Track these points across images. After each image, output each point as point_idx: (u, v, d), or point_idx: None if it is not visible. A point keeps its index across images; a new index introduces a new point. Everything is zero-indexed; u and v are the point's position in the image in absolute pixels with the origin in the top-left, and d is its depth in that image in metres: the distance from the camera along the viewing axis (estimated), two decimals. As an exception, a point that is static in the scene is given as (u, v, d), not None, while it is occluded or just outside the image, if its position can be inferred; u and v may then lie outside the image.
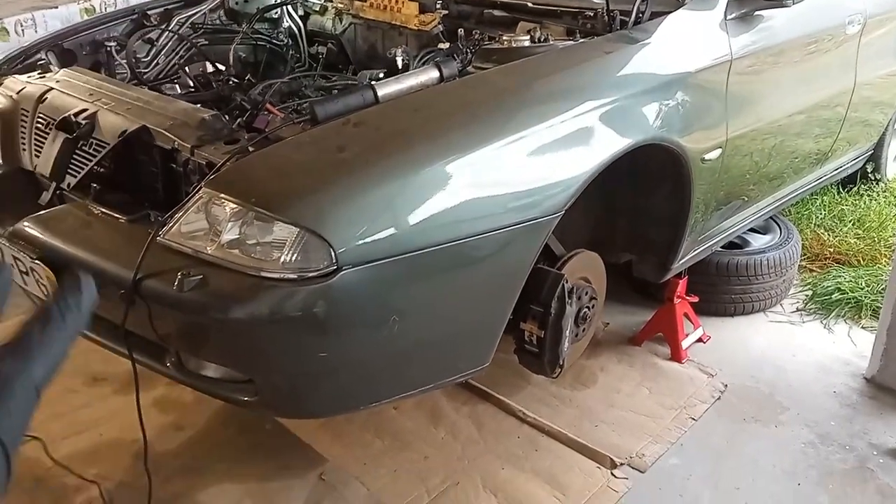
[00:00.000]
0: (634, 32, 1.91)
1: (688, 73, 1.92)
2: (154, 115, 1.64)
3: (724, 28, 2.07)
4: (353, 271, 1.32)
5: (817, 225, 3.26)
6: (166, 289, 1.33)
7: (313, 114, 1.49)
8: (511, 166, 1.54)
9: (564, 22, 2.11)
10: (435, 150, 1.44)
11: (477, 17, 2.26)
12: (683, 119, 1.90)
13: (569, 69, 1.73)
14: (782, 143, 2.48)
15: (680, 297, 2.49)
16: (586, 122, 1.65)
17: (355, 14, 2.49)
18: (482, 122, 1.53)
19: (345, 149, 1.41)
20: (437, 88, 1.61)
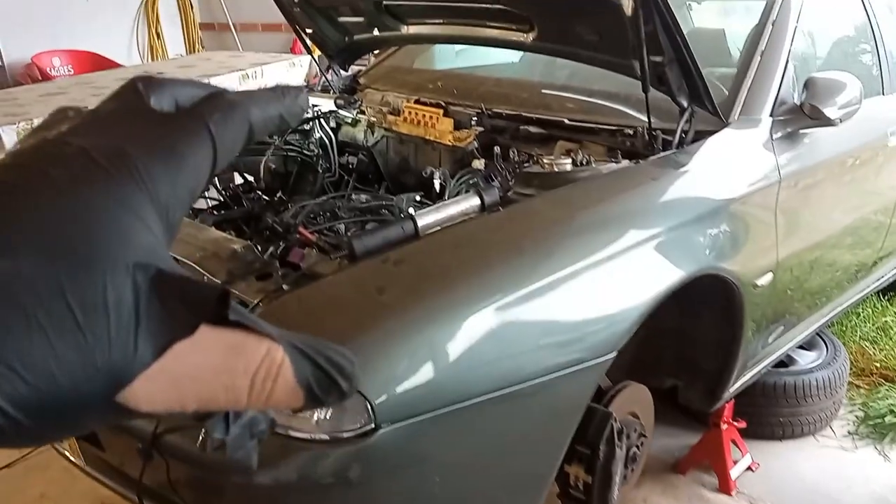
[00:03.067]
0: (680, 156, 1.84)
1: (737, 196, 1.84)
2: (183, 244, 1.56)
3: (771, 148, 2.00)
4: (393, 430, 1.21)
5: (861, 338, 3.12)
6: (188, 446, 1.22)
7: (351, 249, 1.41)
8: (560, 305, 1.43)
9: (603, 139, 2.05)
10: (479, 291, 1.34)
11: (512, 132, 2.21)
12: (735, 246, 1.81)
13: (616, 198, 1.65)
14: (830, 259, 2.39)
15: (727, 421, 2.35)
16: (637, 255, 1.56)
17: (388, 127, 2.46)
18: (528, 257, 1.44)
19: (384, 290, 1.31)
20: (480, 222, 1.53)
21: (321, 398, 0.36)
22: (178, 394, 0.33)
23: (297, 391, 0.35)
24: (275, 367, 0.34)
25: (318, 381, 0.35)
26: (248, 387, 0.34)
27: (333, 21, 2.61)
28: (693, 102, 1.90)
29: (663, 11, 1.68)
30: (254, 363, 0.34)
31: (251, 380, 0.34)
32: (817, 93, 2.02)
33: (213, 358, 0.33)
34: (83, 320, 0.29)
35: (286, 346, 0.35)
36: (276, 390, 0.34)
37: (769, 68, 2.10)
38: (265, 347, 0.34)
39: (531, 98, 2.40)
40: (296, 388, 0.35)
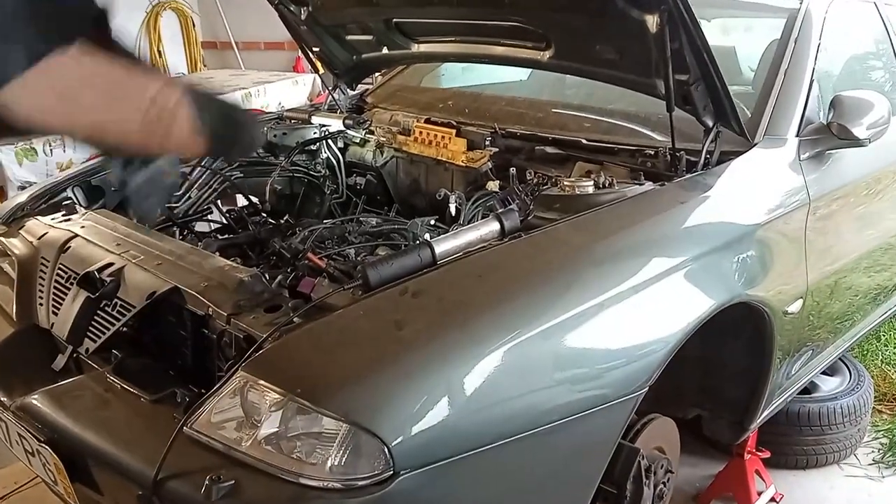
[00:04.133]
0: (708, 177, 1.76)
1: (767, 220, 1.76)
2: (187, 273, 1.48)
3: (799, 168, 1.93)
4: (413, 476, 1.12)
5: (884, 362, 3.04)
6: (192, 494, 1.13)
7: (366, 279, 1.32)
8: (588, 338, 1.35)
9: (622, 160, 1.98)
10: (504, 324, 1.26)
11: (528, 152, 2.13)
12: (765, 272, 1.73)
13: (644, 223, 1.57)
14: (858, 282, 2.31)
15: (750, 452, 2.26)
16: (667, 284, 1.48)
17: (398, 147, 2.38)
18: (554, 288, 1.35)
19: (403, 325, 1.23)
20: (502, 249, 1.45)
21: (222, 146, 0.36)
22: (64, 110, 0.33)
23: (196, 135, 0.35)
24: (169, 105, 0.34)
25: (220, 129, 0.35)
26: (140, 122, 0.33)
27: (341, 39, 2.54)
28: (719, 122, 1.82)
29: (690, 29, 1.61)
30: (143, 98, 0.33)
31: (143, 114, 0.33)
32: (845, 112, 1.94)
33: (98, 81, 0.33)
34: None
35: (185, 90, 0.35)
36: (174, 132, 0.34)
37: (794, 87, 2.03)
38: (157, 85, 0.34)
39: (546, 117, 2.33)
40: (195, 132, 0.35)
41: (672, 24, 1.61)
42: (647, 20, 1.64)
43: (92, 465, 1.30)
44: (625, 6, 1.64)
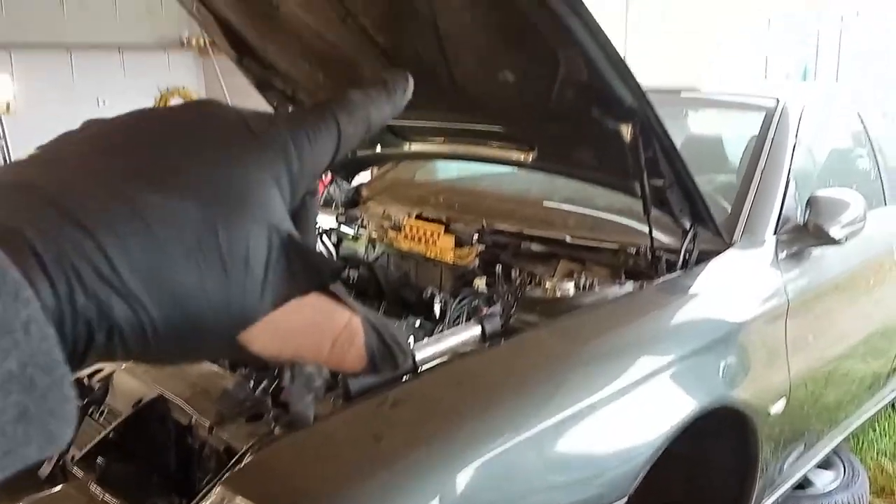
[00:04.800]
0: (686, 279, 1.80)
1: (746, 321, 1.80)
2: (174, 379, 1.51)
3: (777, 267, 1.97)
4: None
5: (880, 454, 3.01)
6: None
7: (346, 388, 1.35)
8: (569, 446, 1.36)
9: (605, 259, 2.03)
10: (483, 433, 1.28)
11: (514, 249, 2.18)
12: (745, 372, 1.75)
13: (622, 328, 1.60)
14: (843, 376, 2.32)
15: (745, 550, 2.22)
16: (647, 389, 1.50)
17: (389, 243, 2.44)
18: (533, 396, 1.38)
19: (382, 437, 1.25)
20: (482, 356, 1.48)
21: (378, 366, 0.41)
22: (281, 343, 0.38)
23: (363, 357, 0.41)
24: (353, 334, 0.40)
25: (381, 353, 0.41)
26: (331, 347, 0.39)
27: (336, 138, 2.64)
28: (695, 223, 1.88)
29: (662, 138, 1.69)
30: (338, 328, 0.39)
31: (333, 342, 0.39)
32: (821, 212, 2.00)
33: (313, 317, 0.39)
34: (228, 260, 0.34)
35: (363, 319, 0.40)
36: (349, 354, 0.40)
37: (770, 187, 2.10)
38: (348, 316, 0.40)
39: (534, 214, 2.39)
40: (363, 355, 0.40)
41: (645, 133, 1.68)
42: (622, 129, 1.71)
43: None
44: (600, 117, 1.72)
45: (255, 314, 0.36)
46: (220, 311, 0.35)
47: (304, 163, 0.39)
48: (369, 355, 0.41)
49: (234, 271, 0.35)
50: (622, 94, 1.65)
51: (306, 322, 0.38)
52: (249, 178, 0.36)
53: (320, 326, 0.39)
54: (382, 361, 0.42)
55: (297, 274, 0.37)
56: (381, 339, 0.42)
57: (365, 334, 0.40)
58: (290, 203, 0.39)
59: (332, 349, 0.39)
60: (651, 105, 1.65)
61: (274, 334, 0.37)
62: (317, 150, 0.40)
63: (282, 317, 0.37)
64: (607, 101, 1.70)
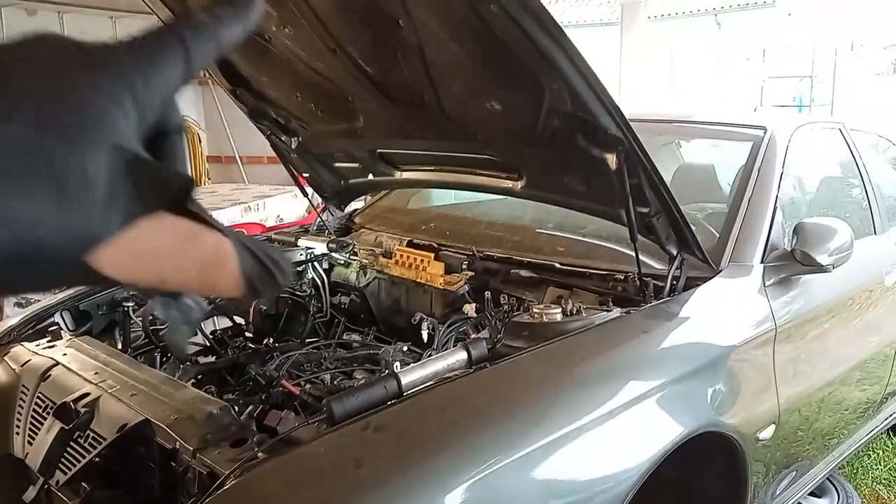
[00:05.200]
0: (672, 305, 1.81)
1: (732, 347, 1.80)
2: (159, 404, 1.51)
3: (764, 294, 1.98)
4: None
5: (875, 481, 2.99)
6: None
7: (330, 413, 1.35)
8: (554, 471, 1.36)
9: (594, 284, 2.04)
10: (466, 459, 1.27)
11: (503, 275, 2.20)
12: (733, 398, 1.75)
13: (608, 353, 1.61)
14: (837, 399, 2.32)
15: (738, 580, 2.20)
16: (632, 414, 1.50)
17: (380, 269, 2.46)
18: (517, 420, 1.38)
19: (363, 463, 1.24)
20: (467, 381, 1.48)
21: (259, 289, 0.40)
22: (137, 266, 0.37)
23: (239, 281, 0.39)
24: (222, 256, 0.39)
25: (259, 275, 0.40)
26: (198, 270, 0.38)
27: (329, 166, 2.67)
28: (682, 250, 1.89)
29: (647, 167, 1.71)
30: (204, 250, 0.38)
31: (201, 264, 0.38)
32: (808, 239, 2.02)
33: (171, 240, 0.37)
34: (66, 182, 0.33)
35: (233, 240, 0.39)
36: (221, 278, 0.39)
37: (757, 215, 2.12)
38: (215, 238, 0.39)
39: (523, 240, 2.41)
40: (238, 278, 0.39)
41: (629, 162, 1.71)
42: (607, 158, 1.74)
43: None
44: (586, 145, 1.75)
45: (100, 235, 0.35)
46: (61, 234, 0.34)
47: (151, 84, 0.38)
48: (246, 278, 0.40)
49: (73, 193, 0.34)
50: (606, 124, 1.67)
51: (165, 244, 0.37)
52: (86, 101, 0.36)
53: (182, 248, 0.38)
54: (262, 283, 0.41)
55: (144, 192, 0.36)
56: (258, 260, 0.40)
57: (238, 256, 0.39)
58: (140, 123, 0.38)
59: (201, 273, 0.38)
60: (634, 134, 1.68)
61: (129, 256, 0.36)
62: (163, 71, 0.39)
63: (136, 238, 0.36)
64: (592, 131, 1.72)
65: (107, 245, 0.36)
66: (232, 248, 0.39)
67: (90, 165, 0.34)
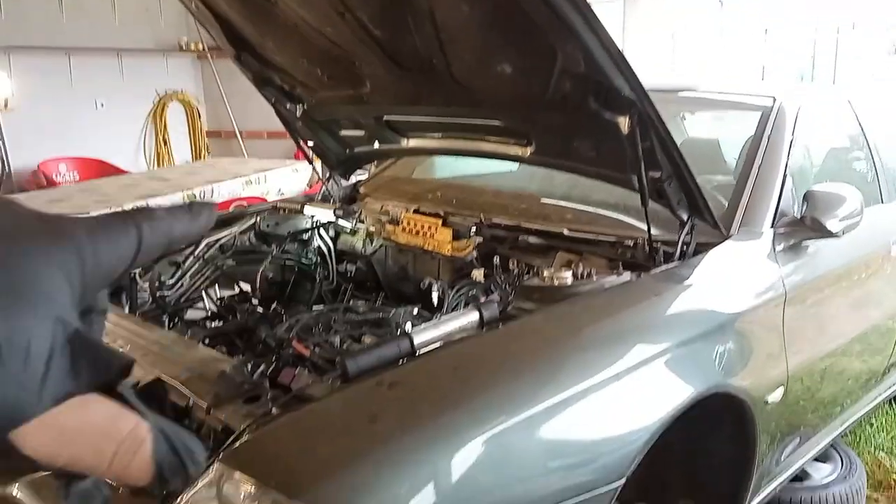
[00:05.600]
0: (682, 269, 1.81)
1: (743, 311, 1.81)
2: (170, 363, 1.51)
3: (774, 259, 1.98)
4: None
5: (877, 448, 3.01)
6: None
7: (344, 370, 1.35)
8: (564, 429, 1.37)
9: (603, 251, 2.04)
10: (478, 415, 1.28)
11: (511, 242, 2.19)
12: (742, 361, 1.76)
13: (619, 314, 1.61)
14: (841, 368, 2.33)
15: (742, 544, 2.22)
16: (644, 374, 1.50)
17: (387, 237, 2.45)
18: (529, 379, 1.38)
19: (377, 418, 1.25)
20: (479, 340, 1.48)
21: (167, 479, 0.39)
22: (59, 444, 0.36)
23: (150, 468, 0.39)
24: (138, 441, 0.39)
25: (170, 464, 0.39)
26: (112, 454, 0.37)
27: (335, 134, 2.65)
28: (693, 215, 1.89)
29: (659, 130, 1.70)
30: (123, 434, 0.38)
31: (117, 448, 0.38)
32: (817, 206, 2.01)
33: (96, 419, 0.37)
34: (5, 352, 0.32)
35: (152, 426, 0.39)
36: (134, 463, 0.38)
37: (768, 181, 2.11)
38: (135, 422, 0.38)
39: (530, 208, 2.40)
40: (150, 465, 0.39)
41: (642, 125, 1.69)
42: (619, 122, 1.72)
43: None
44: (598, 109, 1.73)
45: (31, 410, 0.34)
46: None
47: (101, 264, 0.40)
48: (156, 467, 0.39)
49: (11, 363, 0.32)
50: (619, 85, 1.66)
51: (88, 423, 0.37)
52: (37, 272, 0.35)
53: (103, 430, 0.37)
54: (171, 473, 0.40)
55: (81, 370, 0.35)
56: (173, 447, 0.40)
57: (153, 442, 0.39)
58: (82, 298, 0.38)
59: (115, 457, 0.37)
60: (648, 96, 1.66)
61: (52, 434, 0.35)
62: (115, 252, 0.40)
63: (62, 416, 0.35)
64: (605, 93, 1.71)
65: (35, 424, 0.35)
66: (149, 432, 0.40)
67: (33, 336, 0.34)
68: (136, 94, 7.40)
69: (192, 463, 0.40)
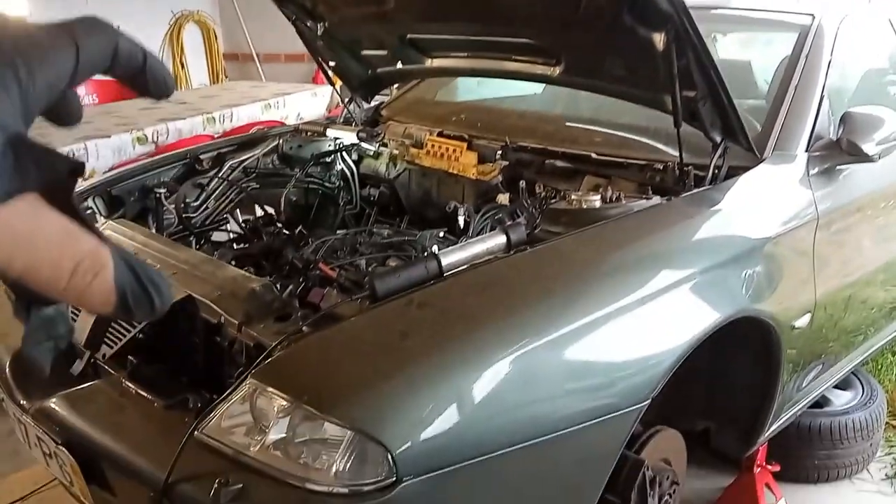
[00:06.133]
0: (714, 193, 1.77)
1: (774, 235, 1.78)
2: (201, 282, 1.52)
3: (808, 184, 1.94)
4: (415, 483, 1.14)
5: (899, 377, 3.02)
6: (201, 497, 1.16)
7: (373, 290, 1.36)
8: (591, 350, 1.37)
9: (631, 174, 2.00)
10: (506, 335, 1.28)
11: (538, 166, 2.16)
12: (771, 286, 1.74)
13: (649, 237, 1.59)
14: (865, 296, 2.30)
15: (760, 465, 2.26)
16: (672, 298, 1.49)
17: (410, 160, 2.42)
18: (557, 301, 1.38)
19: (408, 336, 1.26)
20: (507, 262, 1.48)
21: (132, 308, 0.39)
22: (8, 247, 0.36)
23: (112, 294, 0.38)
24: (98, 262, 0.38)
25: (134, 292, 0.39)
26: (70, 271, 0.37)
27: (356, 54, 2.59)
28: (726, 138, 1.84)
29: (697, 46, 1.63)
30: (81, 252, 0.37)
31: (75, 266, 0.37)
32: (855, 128, 1.95)
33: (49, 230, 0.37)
34: None
35: (113, 251, 0.39)
36: (94, 286, 0.38)
37: (804, 103, 2.04)
38: (94, 243, 0.38)
39: (557, 131, 2.35)
40: (111, 291, 0.38)
41: (678, 42, 1.63)
42: (654, 38, 1.66)
43: (106, 468, 1.34)
44: (632, 24, 1.67)
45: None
46: None
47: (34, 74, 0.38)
48: (119, 293, 0.38)
49: None
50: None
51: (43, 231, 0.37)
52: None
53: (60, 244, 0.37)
54: (136, 303, 0.39)
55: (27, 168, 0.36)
56: (137, 277, 0.39)
57: (115, 268, 0.38)
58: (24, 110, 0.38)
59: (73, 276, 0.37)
60: (686, 10, 1.60)
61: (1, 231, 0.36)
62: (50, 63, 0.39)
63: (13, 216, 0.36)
64: (640, 7, 1.64)
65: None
66: (110, 257, 0.38)
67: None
68: (152, 14, 7.26)
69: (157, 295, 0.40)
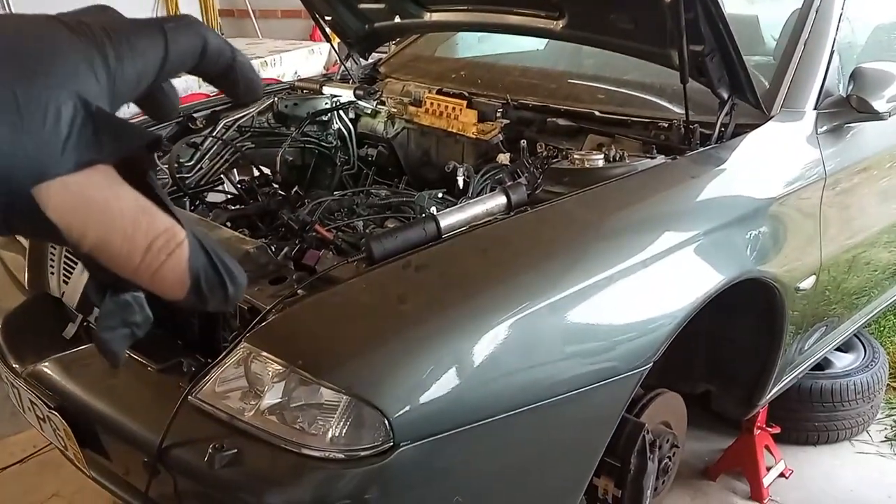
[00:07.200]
0: (721, 151, 1.73)
1: (780, 195, 1.73)
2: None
3: (816, 142, 1.89)
4: (412, 448, 1.12)
5: (901, 338, 3.01)
6: (195, 462, 1.14)
7: (370, 252, 1.32)
8: (593, 313, 1.34)
9: (635, 133, 1.95)
10: (506, 298, 1.25)
11: (539, 125, 2.10)
12: (776, 247, 1.70)
13: (653, 198, 1.55)
14: (877, 258, 2.28)
15: (760, 427, 2.26)
16: (675, 259, 1.46)
17: (409, 119, 2.36)
18: (558, 263, 1.34)
19: (406, 299, 1.23)
20: (507, 223, 1.44)
21: (205, 294, 0.38)
22: (83, 216, 0.35)
23: (185, 277, 0.37)
24: (173, 242, 0.37)
25: (208, 277, 0.37)
26: (144, 248, 0.36)
27: (353, 8, 2.51)
28: (734, 94, 1.78)
29: (706, -3, 1.57)
30: (156, 229, 0.36)
31: (149, 243, 0.36)
32: (865, 85, 1.89)
33: (124, 204, 0.36)
34: (24, 113, 0.33)
35: (189, 233, 0.37)
36: (167, 267, 0.36)
37: (813, 58, 1.98)
38: (170, 222, 0.37)
39: (559, 89, 2.29)
40: (185, 273, 0.37)
41: (686, -7, 1.57)
42: (662, -11, 1.60)
43: (100, 432, 1.33)
44: (639, -26, 1.60)
45: (54, 166, 0.34)
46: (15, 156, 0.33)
47: (124, 62, 0.38)
48: (193, 277, 0.37)
49: (31, 119, 0.33)
50: (664, -52, 1.52)
51: (117, 203, 0.36)
52: (57, 49, 0.36)
53: (134, 219, 0.36)
54: (209, 289, 0.38)
55: (105, 140, 0.36)
56: (212, 262, 0.38)
57: (190, 250, 0.37)
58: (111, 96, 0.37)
59: (147, 253, 0.36)
60: (695, -41, 1.53)
61: (76, 200, 0.35)
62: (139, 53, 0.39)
63: (88, 185, 0.35)
64: (647, -44, 1.58)
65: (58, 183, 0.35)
66: (186, 238, 0.37)
67: (52, 102, 0.34)
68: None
69: (231, 283, 0.38)
